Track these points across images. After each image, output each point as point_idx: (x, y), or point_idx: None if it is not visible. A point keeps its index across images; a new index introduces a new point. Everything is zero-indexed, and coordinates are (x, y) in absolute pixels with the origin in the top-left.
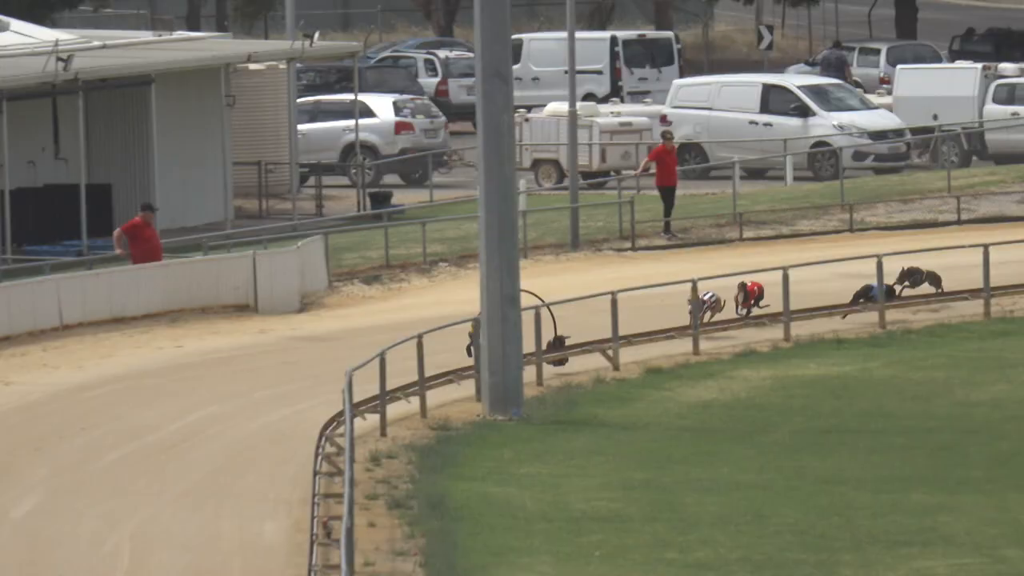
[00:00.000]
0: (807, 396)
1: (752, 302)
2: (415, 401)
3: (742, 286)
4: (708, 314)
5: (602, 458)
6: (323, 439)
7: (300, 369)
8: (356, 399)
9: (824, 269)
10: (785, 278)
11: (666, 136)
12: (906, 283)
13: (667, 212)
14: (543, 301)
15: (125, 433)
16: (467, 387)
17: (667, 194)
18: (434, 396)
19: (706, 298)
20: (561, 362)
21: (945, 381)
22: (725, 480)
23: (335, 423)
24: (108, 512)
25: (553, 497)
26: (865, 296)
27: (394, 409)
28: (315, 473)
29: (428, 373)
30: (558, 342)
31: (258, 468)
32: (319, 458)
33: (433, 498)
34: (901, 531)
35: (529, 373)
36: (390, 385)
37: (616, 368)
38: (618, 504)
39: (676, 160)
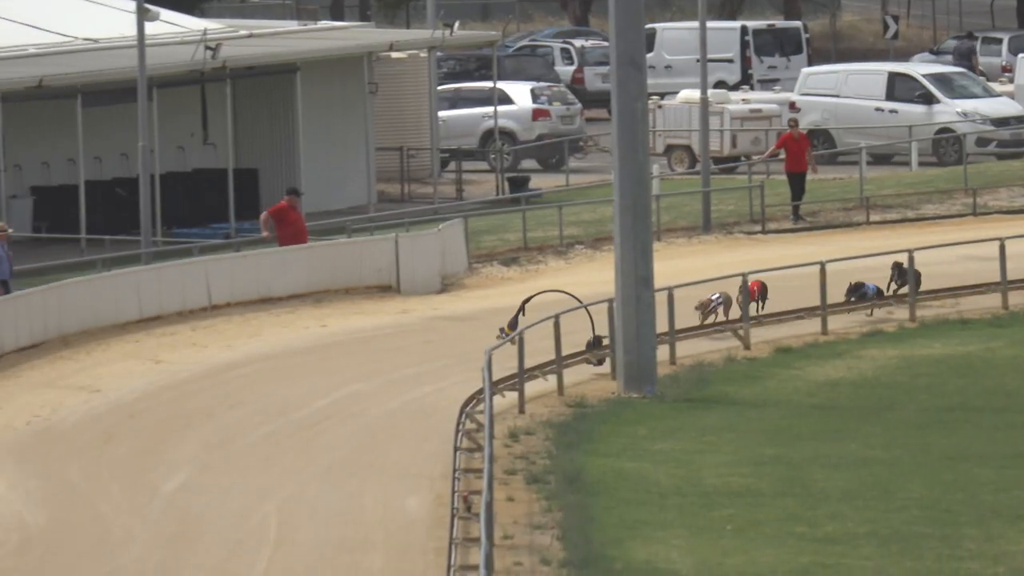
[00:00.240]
0: (932, 375)
1: (754, 301)
2: (552, 379)
3: (744, 286)
4: (715, 315)
5: (733, 435)
6: (463, 416)
7: (441, 348)
8: (495, 377)
9: (949, 252)
10: (911, 260)
11: (791, 124)
12: (895, 282)
13: (795, 197)
14: (580, 301)
15: (271, 410)
16: (602, 366)
17: (795, 180)
18: (570, 374)
19: (713, 298)
20: (600, 362)
21: None
22: (852, 456)
23: (475, 400)
24: (255, 487)
25: (686, 472)
26: (856, 293)
27: (532, 387)
28: (456, 449)
29: (564, 352)
30: (596, 342)
31: (400, 444)
32: (459, 434)
33: (570, 473)
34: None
35: (662, 352)
36: (528, 364)
37: (747, 347)
38: (749, 479)
39: (806, 146)
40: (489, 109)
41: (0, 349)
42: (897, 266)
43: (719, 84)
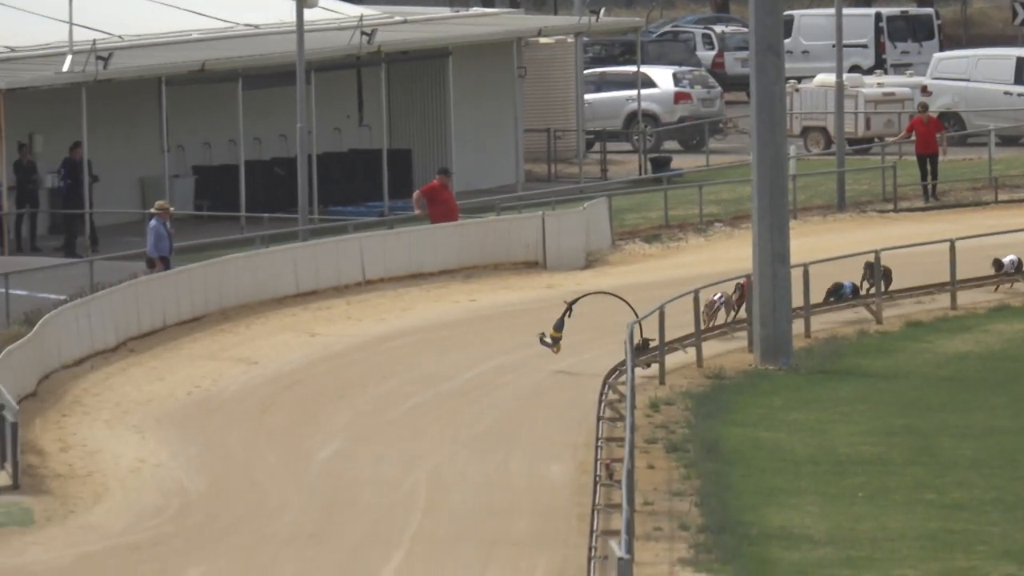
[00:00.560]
0: None
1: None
2: (691, 352)
3: (739, 287)
4: (719, 315)
5: (865, 406)
6: (606, 387)
7: (585, 321)
8: (639, 350)
9: None
10: (952, 249)
11: (920, 108)
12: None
13: (923, 177)
14: (629, 305)
15: (421, 381)
16: (740, 339)
17: (924, 161)
18: (709, 347)
19: (715, 299)
20: (648, 365)
21: None
22: (980, 426)
23: (617, 372)
24: (406, 455)
25: (819, 442)
26: (836, 294)
27: (672, 359)
28: (598, 418)
29: (705, 326)
30: (644, 344)
31: (545, 414)
32: (602, 404)
33: (708, 442)
34: None
35: (797, 326)
36: (668, 337)
37: (879, 322)
38: (880, 448)
39: (936, 129)
40: (633, 92)
41: (163, 322)
42: (869, 266)
43: (854, 68)
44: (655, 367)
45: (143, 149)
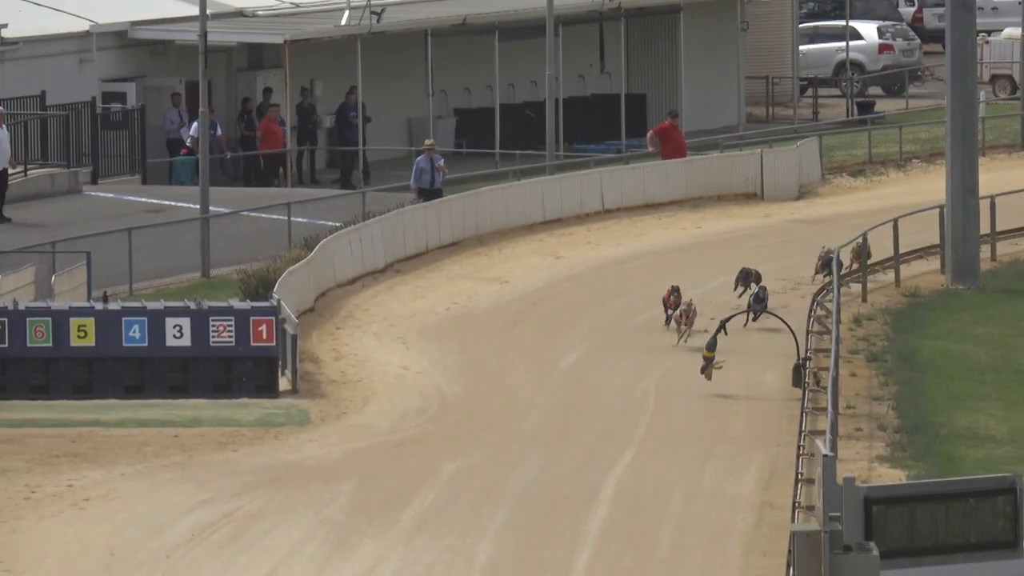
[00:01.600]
0: None
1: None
2: (891, 273)
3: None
4: (683, 325)
5: None
6: (815, 304)
7: (797, 246)
8: (843, 271)
9: None
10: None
11: None
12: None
13: None
14: (786, 323)
15: (652, 299)
16: (933, 262)
17: None
18: (906, 270)
19: (684, 307)
20: (797, 384)
21: None
22: None
23: (824, 291)
24: (637, 364)
25: (1003, 353)
26: (746, 281)
27: (873, 279)
28: (807, 332)
29: (902, 251)
30: (803, 364)
31: (762, 326)
32: (811, 319)
33: (904, 353)
34: None
35: (985, 250)
36: (870, 260)
37: None
38: None
39: None
40: (841, 44)
41: (426, 246)
42: (744, 273)
43: None
44: (857, 287)
45: (410, 93)
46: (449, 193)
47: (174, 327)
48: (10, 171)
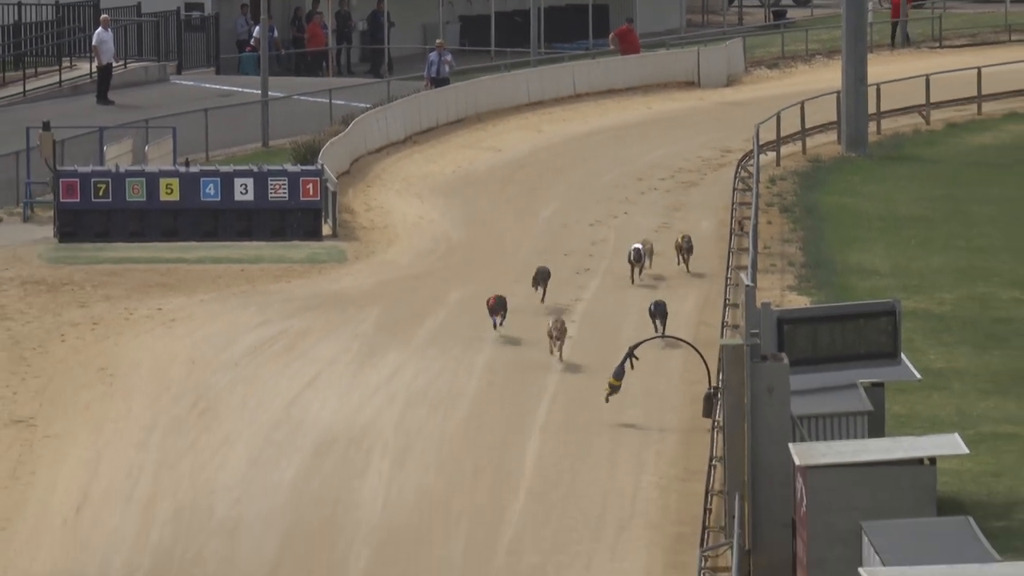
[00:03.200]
0: None
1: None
2: (799, 144)
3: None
4: (640, 266)
5: (917, 181)
6: (739, 167)
7: (726, 123)
8: (761, 142)
9: None
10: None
11: None
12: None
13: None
14: (693, 347)
15: (613, 163)
16: (831, 135)
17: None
18: (811, 141)
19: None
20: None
21: None
22: (996, 195)
23: (747, 157)
24: (603, 212)
25: (885, 206)
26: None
27: (786, 149)
28: (734, 189)
29: (807, 126)
30: (714, 394)
31: (699, 186)
32: (736, 179)
33: (809, 206)
34: None
35: (871, 127)
36: (783, 133)
37: (927, 123)
38: (926, 210)
39: None
40: None
41: (436, 122)
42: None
43: None
44: (773, 154)
45: (424, 3)
46: (455, 82)
47: (240, 185)
48: (113, 64)
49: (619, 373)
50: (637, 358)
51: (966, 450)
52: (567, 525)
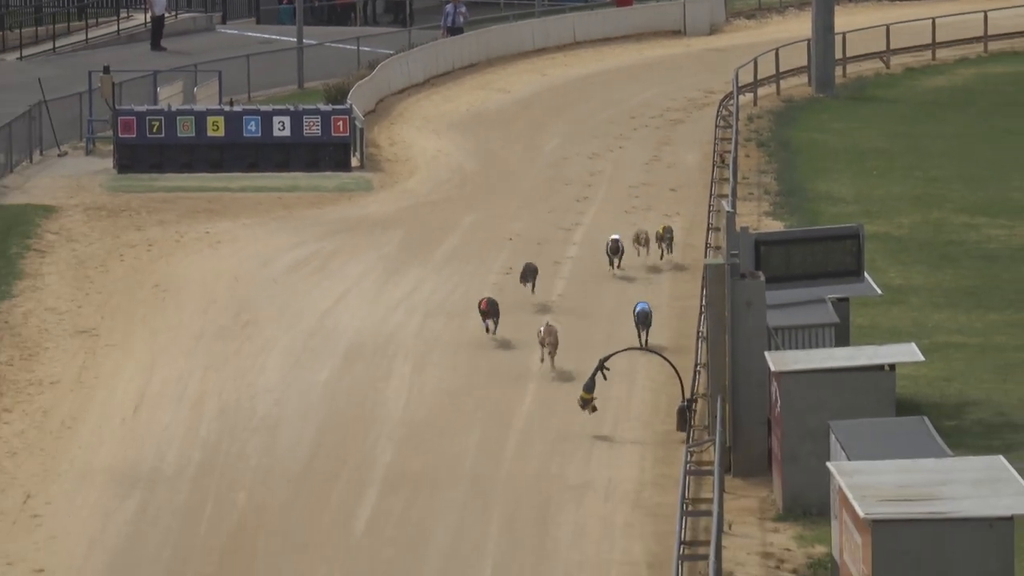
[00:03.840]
0: (997, 84)
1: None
2: (774, 86)
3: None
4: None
5: (878, 118)
6: (721, 107)
7: (709, 67)
8: (740, 84)
9: None
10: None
11: None
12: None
13: None
14: (668, 360)
15: (609, 103)
16: (803, 78)
17: None
18: (784, 83)
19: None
20: (682, 428)
21: None
22: (948, 132)
23: (728, 98)
24: (599, 146)
25: (850, 140)
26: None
27: (762, 90)
28: (716, 126)
29: (781, 70)
30: (688, 406)
31: (685, 123)
32: (718, 117)
33: (783, 140)
34: None
35: (838, 71)
36: (760, 76)
37: (888, 68)
38: (887, 144)
39: None
40: None
41: (452, 67)
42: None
43: None
44: (751, 95)
45: None
46: (468, 31)
47: (278, 122)
48: (165, 15)
49: (590, 386)
50: (608, 368)
51: (922, 357)
52: (569, 421)
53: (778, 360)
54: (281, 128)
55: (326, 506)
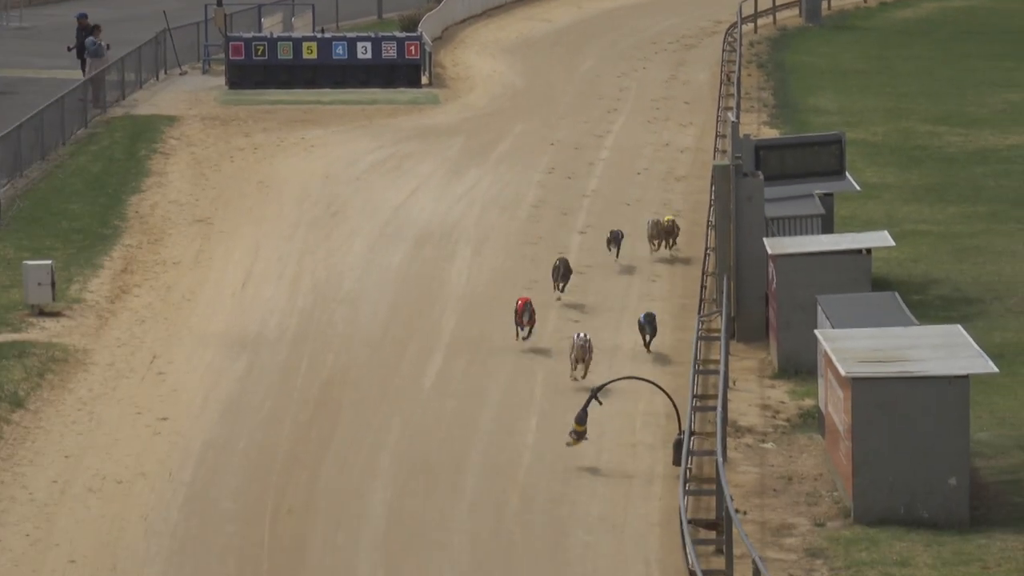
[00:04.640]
0: (958, 16)
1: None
2: (771, 17)
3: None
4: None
5: (858, 44)
6: (727, 34)
7: (717, 1)
8: (743, 16)
9: None
10: None
11: None
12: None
13: None
14: (659, 386)
15: (633, 31)
16: (795, 10)
17: None
18: (780, 15)
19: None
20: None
21: None
22: (916, 55)
23: (733, 27)
24: (626, 67)
25: (834, 62)
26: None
27: (761, 21)
28: (723, 50)
29: (778, 3)
30: (685, 438)
31: (697, 48)
32: (725, 43)
33: (778, 62)
34: (997, 79)
35: (825, 5)
36: (759, 9)
37: (865, 2)
38: (865, 64)
39: None
40: None
41: (505, 1)
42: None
43: None
44: (752, 25)
45: None
46: None
47: (361, 47)
48: None
49: (582, 418)
50: (600, 402)
51: (893, 243)
52: (604, 291)
53: (774, 245)
54: (364, 52)
55: (399, 366)
